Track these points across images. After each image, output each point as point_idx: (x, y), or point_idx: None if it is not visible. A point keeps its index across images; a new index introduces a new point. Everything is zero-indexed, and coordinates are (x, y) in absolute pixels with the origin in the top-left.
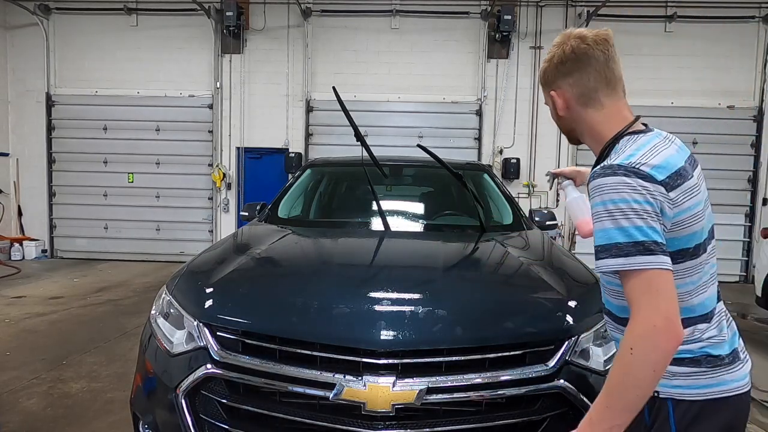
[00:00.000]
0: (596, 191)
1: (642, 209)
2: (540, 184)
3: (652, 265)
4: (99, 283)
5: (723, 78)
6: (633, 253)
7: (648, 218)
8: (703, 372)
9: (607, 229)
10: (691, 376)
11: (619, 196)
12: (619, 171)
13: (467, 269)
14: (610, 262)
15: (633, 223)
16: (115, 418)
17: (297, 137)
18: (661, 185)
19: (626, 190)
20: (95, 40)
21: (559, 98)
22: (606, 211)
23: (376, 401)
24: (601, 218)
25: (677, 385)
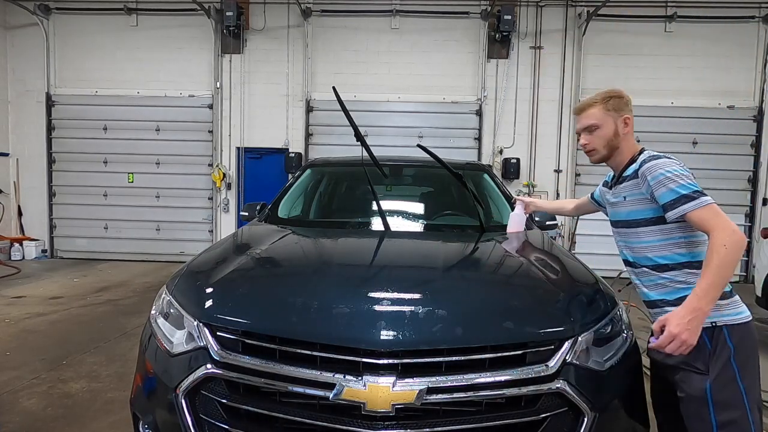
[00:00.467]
0: (654, 168)
1: (688, 175)
2: (540, 183)
3: (711, 200)
4: (99, 283)
5: (723, 78)
6: (698, 196)
7: (691, 177)
8: (735, 301)
9: (674, 188)
10: (731, 306)
11: (672, 167)
12: (662, 156)
13: (467, 269)
14: (687, 206)
15: (688, 180)
16: (115, 418)
17: (297, 137)
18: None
19: (675, 164)
20: (95, 40)
21: (630, 121)
22: (668, 177)
23: (376, 401)
24: (666, 183)
25: (726, 313)
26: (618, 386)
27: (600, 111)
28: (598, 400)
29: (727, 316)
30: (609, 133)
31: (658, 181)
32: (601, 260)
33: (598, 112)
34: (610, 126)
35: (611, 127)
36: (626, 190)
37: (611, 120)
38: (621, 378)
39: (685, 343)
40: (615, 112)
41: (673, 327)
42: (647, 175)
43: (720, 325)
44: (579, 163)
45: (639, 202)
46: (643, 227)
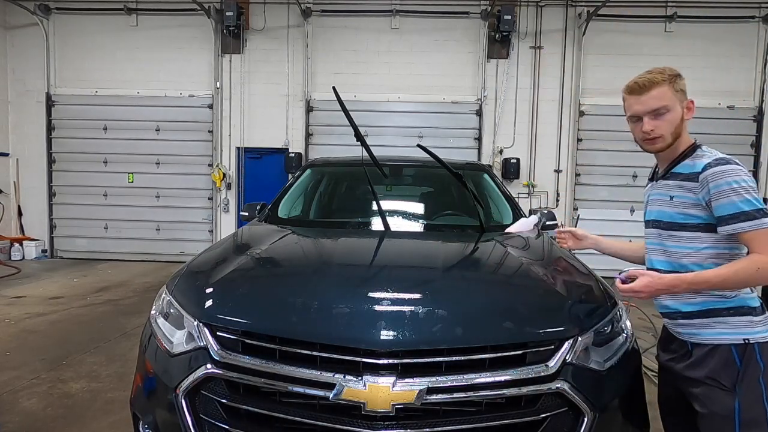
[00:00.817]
0: (722, 175)
1: (754, 187)
2: (540, 183)
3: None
4: (99, 283)
5: (723, 78)
6: (760, 216)
7: (756, 190)
8: (766, 316)
9: (737, 202)
10: (764, 322)
11: (742, 177)
12: (732, 161)
13: (467, 269)
14: (745, 225)
15: (754, 194)
16: (115, 418)
17: (297, 137)
18: None
19: (744, 173)
20: (95, 40)
21: (693, 106)
22: (733, 189)
23: (376, 401)
24: (730, 194)
25: (758, 331)
26: (618, 386)
27: (670, 91)
28: (598, 400)
29: (760, 333)
30: (677, 117)
31: (722, 191)
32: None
33: (669, 92)
34: (679, 110)
35: (679, 112)
36: (676, 189)
37: (679, 103)
38: (621, 378)
39: (637, 296)
40: (682, 94)
41: (641, 286)
42: (709, 182)
43: (752, 342)
44: (579, 163)
45: (689, 206)
46: (687, 231)
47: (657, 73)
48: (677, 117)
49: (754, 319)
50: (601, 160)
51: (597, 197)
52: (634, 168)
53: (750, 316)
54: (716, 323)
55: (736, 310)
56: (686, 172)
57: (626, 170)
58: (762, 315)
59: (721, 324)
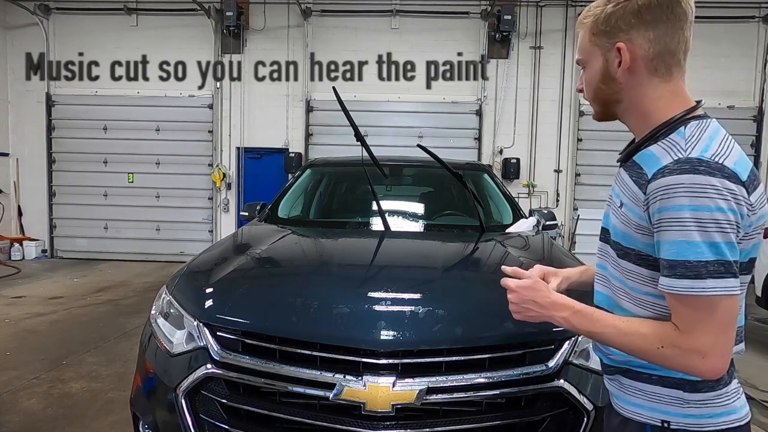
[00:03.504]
0: (667, 192)
1: (725, 220)
2: (540, 183)
3: (723, 291)
4: (99, 283)
5: (723, 78)
6: (703, 275)
7: (729, 231)
8: (720, 397)
9: (679, 242)
10: (708, 404)
11: (699, 201)
12: (700, 167)
13: (467, 269)
14: (676, 284)
15: (710, 237)
16: (115, 418)
17: (297, 137)
18: (744, 186)
19: (710, 194)
20: (95, 40)
21: (627, 53)
22: (681, 219)
23: (376, 401)
24: (671, 227)
25: (692, 414)
26: None
27: (586, 38)
28: (598, 399)
29: (693, 417)
30: (595, 74)
31: (667, 218)
32: None
33: (585, 40)
34: (596, 64)
35: (597, 67)
36: (626, 192)
37: (600, 54)
38: None
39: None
40: (604, 36)
41: (514, 288)
42: (655, 200)
43: (674, 428)
44: (579, 163)
45: (633, 226)
46: (629, 262)
47: (586, 10)
48: (594, 74)
49: (685, 396)
50: (601, 160)
51: (597, 197)
52: None
53: (680, 390)
54: (633, 390)
55: (662, 378)
56: (644, 167)
57: None
58: (702, 394)
59: (637, 392)
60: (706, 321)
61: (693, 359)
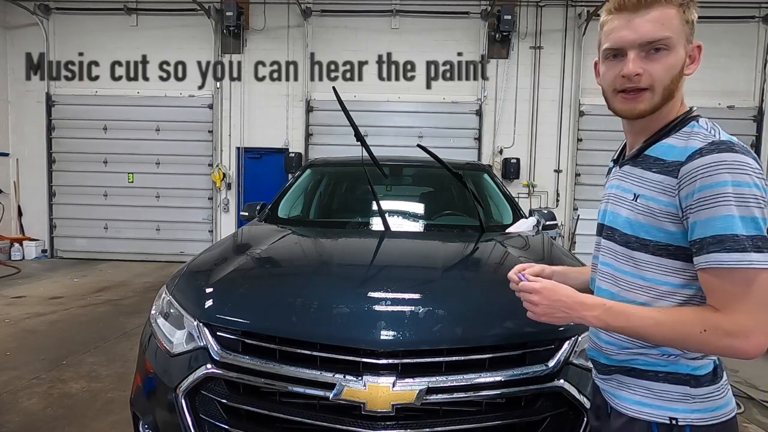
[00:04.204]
0: (708, 170)
1: (761, 196)
2: (540, 184)
3: (764, 264)
4: (99, 283)
5: (723, 78)
6: (749, 249)
7: (763, 207)
8: (716, 391)
9: (724, 217)
10: (708, 398)
11: (740, 177)
12: (735, 147)
13: (467, 269)
14: (723, 257)
15: (751, 213)
16: (115, 418)
17: (297, 137)
18: None
19: (748, 172)
20: (95, 40)
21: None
22: (724, 194)
23: (376, 401)
24: (716, 203)
25: (695, 409)
26: None
27: (678, 18)
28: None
29: (697, 413)
30: (678, 64)
31: (708, 196)
32: None
33: (676, 20)
34: (682, 53)
35: (682, 56)
36: (644, 184)
37: (685, 43)
38: None
39: (531, 306)
40: (689, 29)
41: (539, 291)
42: (693, 179)
43: (682, 424)
44: (579, 163)
45: (659, 215)
46: (648, 254)
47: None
48: (678, 62)
49: (692, 392)
50: (601, 160)
51: (597, 197)
52: None
53: (686, 386)
54: (638, 388)
55: (669, 375)
56: (665, 158)
57: None
58: (705, 388)
59: (643, 390)
60: (747, 297)
61: (738, 339)
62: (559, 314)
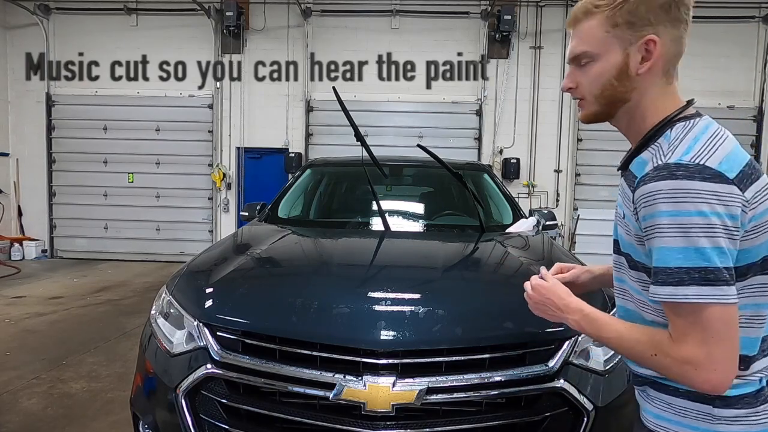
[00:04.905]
0: (647, 200)
1: (707, 224)
2: (540, 184)
3: (709, 299)
4: (99, 283)
5: (723, 78)
6: (686, 282)
7: (717, 236)
8: (756, 415)
9: (660, 248)
10: (741, 421)
11: (678, 207)
12: (678, 172)
13: (467, 269)
14: (659, 291)
15: (693, 243)
16: (115, 418)
17: (297, 137)
18: (733, 184)
19: (689, 198)
20: (95, 40)
21: (656, 50)
22: (660, 226)
23: (376, 401)
24: (654, 234)
25: (722, 431)
26: (618, 386)
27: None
28: (598, 400)
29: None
30: (608, 71)
31: (650, 226)
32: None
33: (598, 30)
34: (613, 59)
35: (615, 62)
36: (625, 202)
37: (619, 48)
38: (621, 378)
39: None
40: (630, 30)
41: (533, 287)
42: (640, 208)
43: None
44: (579, 163)
45: (635, 237)
46: (641, 273)
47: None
48: (606, 71)
49: (715, 412)
50: (601, 160)
51: (597, 197)
52: None
53: (709, 405)
54: (659, 402)
55: (690, 393)
56: (638, 175)
57: None
58: (736, 410)
59: (663, 405)
60: (694, 330)
61: (685, 370)
62: (550, 312)
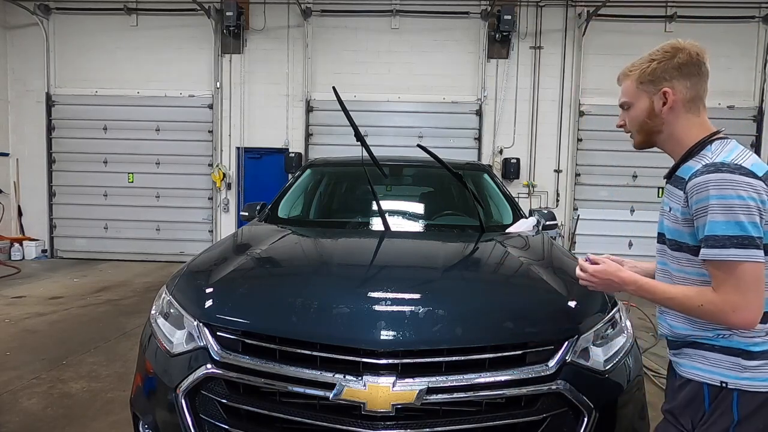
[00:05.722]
0: (701, 187)
1: (744, 204)
2: (540, 184)
3: (744, 258)
4: (99, 283)
5: (723, 78)
6: (728, 245)
7: (749, 213)
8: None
9: (710, 222)
10: (762, 369)
11: (725, 190)
12: (723, 168)
13: (467, 269)
14: (708, 252)
15: (734, 218)
16: (115, 418)
17: (297, 137)
18: (760, 179)
19: (732, 186)
20: (95, 40)
21: (672, 97)
22: (710, 205)
23: (376, 401)
24: (706, 212)
25: (745, 377)
26: (618, 386)
27: (633, 85)
28: (598, 400)
29: (749, 380)
30: (640, 114)
31: (701, 207)
32: None
33: (631, 87)
34: (642, 105)
35: (643, 107)
36: (673, 198)
37: (646, 96)
38: (621, 378)
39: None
40: (651, 85)
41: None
42: (692, 194)
43: (731, 388)
44: (579, 163)
45: (682, 221)
46: (682, 252)
47: (630, 65)
48: (640, 113)
49: (744, 362)
50: (601, 160)
51: (597, 197)
52: (634, 168)
53: (739, 358)
54: (696, 356)
55: (723, 348)
56: (684, 176)
57: (626, 170)
58: (758, 361)
59: (700, 358)
60: (733, 282)
61: (725, 313)
62: (614, 285)
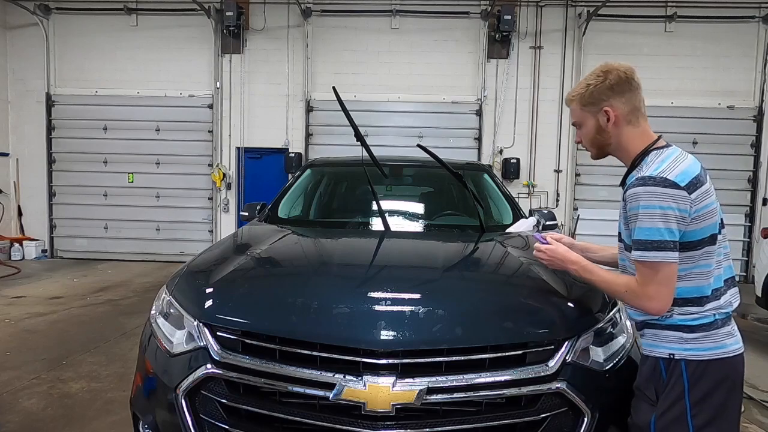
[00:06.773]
0: (632, 198)
1: (663, 213)
2: (540, 184)
3: (660, 259)
4: (99, 283)
5: (723, 78)
6: (649, 248)
7: (666, 220)
8: (709, 336)
9: (637, 228)
10: (699, 341)
11: (649, 202)
12: (649, 182)
13: (467, 269)
14: (635, 253)
15: (654, 224)
16: (115, 418)
17: (297, 137)
18: (684, 190)
19: (655, 197)
20: (95, 40)
21: (613, 114)
22: (639, 214)
23: (376, 401)
24: (636, 219)
25: (687, 348)
26: (618, 386)
27: (578, 108)
28: (598, 400)
29: (690, 350)
30: (590, 131)
31: (633, 214)
32: None
33: (577, 110)
34: (590, 124)
35: (591, 126)
36: (623, 203)
37: (591, 117)
38: (621, 378)
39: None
40: (593, 106)
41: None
42: (627, 204)
43: (678, 358)
44: (579, 163)
45: (625, 225)
46: (624, 250)
47: (572, 91)
48: (590, 130)
49: (684, 335)
50: (601, 160)
51: (597, 197)
52: None
53: (681, 332)
54: (650, 335)
55: (668, 325)
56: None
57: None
58: (696, 333)
59: (653, 337)
60: (652, 277)
61: (642, 300)
62: (559, 264)
